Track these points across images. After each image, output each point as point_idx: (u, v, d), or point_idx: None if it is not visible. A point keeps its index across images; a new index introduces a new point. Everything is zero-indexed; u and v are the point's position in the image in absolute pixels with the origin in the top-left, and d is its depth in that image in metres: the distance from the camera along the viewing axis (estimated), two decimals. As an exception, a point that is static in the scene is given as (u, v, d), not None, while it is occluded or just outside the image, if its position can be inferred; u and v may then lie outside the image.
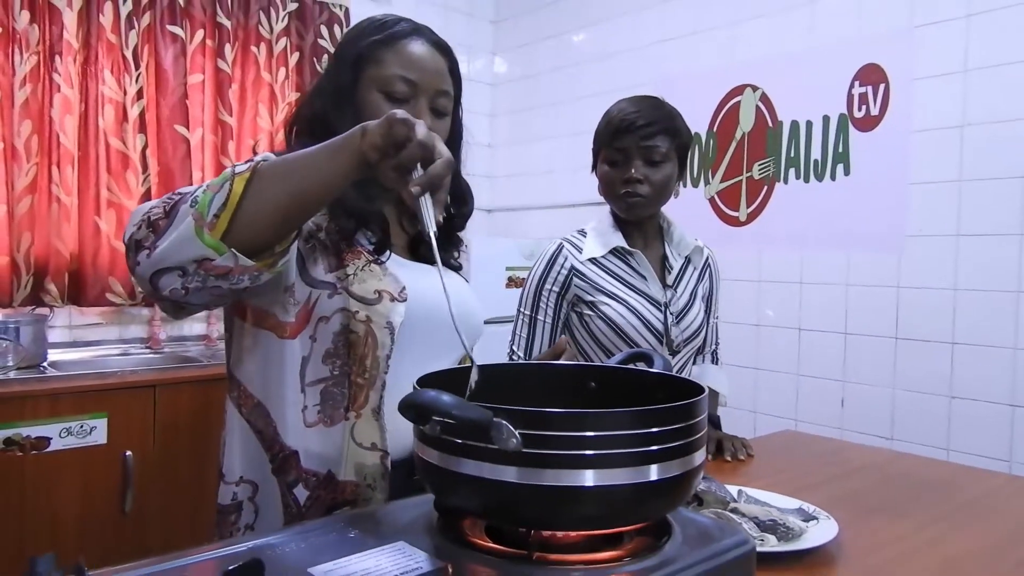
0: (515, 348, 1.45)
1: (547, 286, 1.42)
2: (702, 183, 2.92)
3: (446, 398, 0.58)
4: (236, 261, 0.76)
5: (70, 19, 2.46)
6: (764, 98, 2.71)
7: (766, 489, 1.11)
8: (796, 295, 2.64)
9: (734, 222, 2.82)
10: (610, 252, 1.42)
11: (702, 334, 1.47)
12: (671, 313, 1.41)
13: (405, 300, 0.95)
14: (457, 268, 1.15)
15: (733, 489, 1.07)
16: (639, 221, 1.44)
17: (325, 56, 3.04)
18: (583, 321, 1.41)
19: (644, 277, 1.42)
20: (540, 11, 3.62)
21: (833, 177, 2.53)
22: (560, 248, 1.44)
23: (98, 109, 2.54)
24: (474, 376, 0.72)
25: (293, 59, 3.04)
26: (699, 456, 0.67)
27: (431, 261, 1.07)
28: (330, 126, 0.96)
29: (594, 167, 1.48)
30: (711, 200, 2.89)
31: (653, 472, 0.63)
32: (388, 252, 1.00)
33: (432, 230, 0.72)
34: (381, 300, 0.93)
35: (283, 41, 3.00)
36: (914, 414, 2.33)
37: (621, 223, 1.45)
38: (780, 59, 2.67)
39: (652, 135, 1.36)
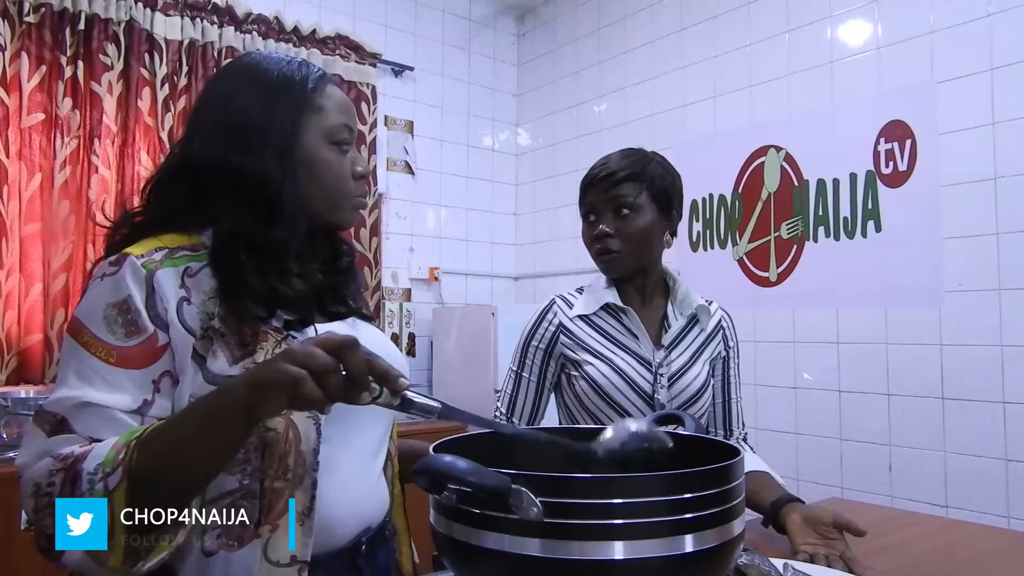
0: (499, 404, 1.38)
1: (533, 342, 1.35)
2: (730, 244, 2.89)
3: (462, 464, 0.54)
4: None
5: (110, 104, 2.57)
6: (788, 158, 2.70)
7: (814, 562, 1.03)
8: (834, 355, 2.56)
9: (764, 283, 2.77)
10: (603, 309, 1.34)
11: (702, 401, 1.33)
12: (661, 375, 1.30)
13: None
14: (370, 318, 1.03)
15: (778, 563, 1.00)
16: (633, 277, 1.35)
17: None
18: (570, 382, 1.33)
19: (636, 336, 1.33)
20: (560, 83, 3.70)
21: (864, 234, 2.48)
22: (551, 304, 1.37)
23: (134, 189, 2.61)
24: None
25: (322, 136, 3.12)
26: (738, 525, 0.62)
27: (342, 315, 0.97)
28: (270, 184, 0.84)
29: None
30: (740, 261, 2.85)
31: (688, 543, 0.59)
32: (312, 327, 0.87)
33: (436, 411, 0.67)
34: None
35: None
36: (969, 479, 2.20)
37: (617, 280, 1.36)
38: (802, 119, 2.67)
39: (616, 184, 1.28)
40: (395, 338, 3.41)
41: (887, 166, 2.42)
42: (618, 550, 0.57)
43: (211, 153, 0.85)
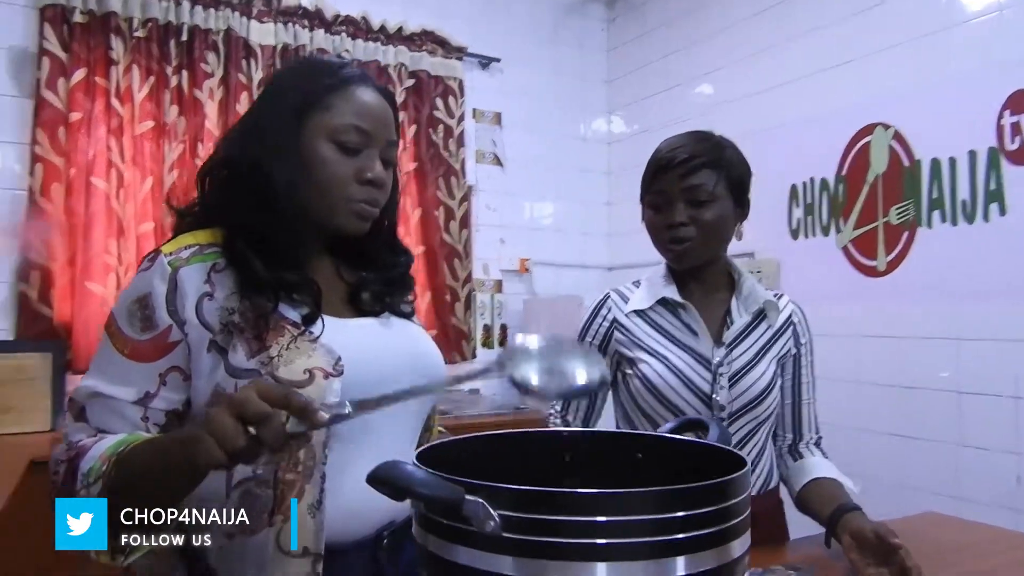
0: (554, 402, 1.34)
1: (587, 338, 1.29)
2: (833, 231, 2.69)
3: (416, 473, 0.51)
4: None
5: (211, 109, 2.73)
6: (897, 136, 2.47)
7: (884, 586, 0.93)
8: (953, 353, 2.32)
9: (872, 272, 2.56)
10: (660, 304, 1.26)
11: (768, 402, 1.22)
12: (721, 374, 1.20)
13: (341, 374, 0.83)
14: (408, 315, 1.03)
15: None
16: (695, 270, 1.27)
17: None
18: (625, 381, 1.26)
19: (695, 332, 1.24)
20: (650, 67, 3.57)
21: (987, 218, 2.23)
22: (606, 299, 1.31)
23: (235, 189, 2.77)
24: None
25: (411, 131, 3.18)
26: (738, 545, 0.56)
27: (374, 312, 0.97)
28: (264, 174, 0.87)
29: (643, 215, 1.31)
30: (844, 249, 2.64)
31: (680, 566, 0.53)
32: (320, 322, 0.87)
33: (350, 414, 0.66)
34: (313, 380, 0.81)
35: (400, 115, 3.15)
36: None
37: (677, 273, 1.29)
38: (913, 93, 2.43)
39: (694, 171, 1.19)
40: (487, 329, 3.42)
41: (1013, 141, 2.16)
42: (601, 572, 0.53)
43: (228, 148, 0.92)
